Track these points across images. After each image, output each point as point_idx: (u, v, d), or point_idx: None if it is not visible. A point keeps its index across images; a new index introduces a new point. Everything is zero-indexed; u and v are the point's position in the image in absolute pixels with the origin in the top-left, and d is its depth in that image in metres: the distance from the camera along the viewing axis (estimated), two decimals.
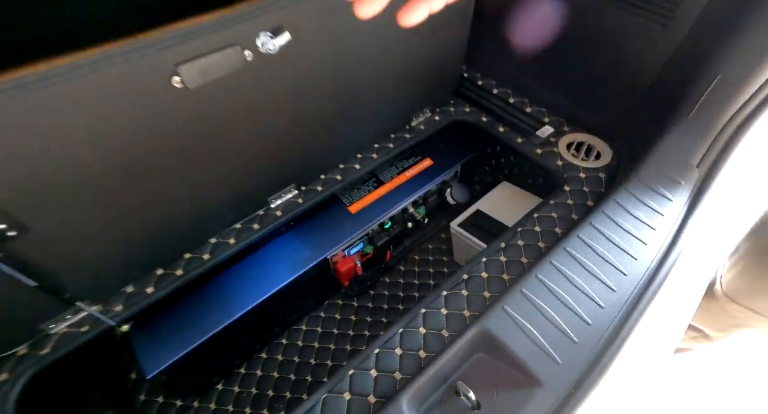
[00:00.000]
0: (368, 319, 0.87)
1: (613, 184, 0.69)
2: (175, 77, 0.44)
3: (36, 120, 0.37)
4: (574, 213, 0.69)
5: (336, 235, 0.77)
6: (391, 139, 0.85)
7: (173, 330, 0.63)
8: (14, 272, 0.41)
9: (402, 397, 0.46)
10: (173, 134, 0.48)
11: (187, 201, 0.58)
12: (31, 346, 0.54)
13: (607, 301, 0.53)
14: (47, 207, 0.43)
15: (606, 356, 0.49)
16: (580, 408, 0.46)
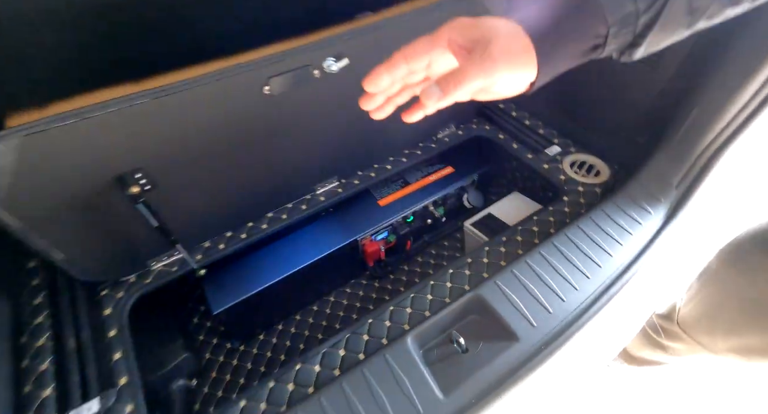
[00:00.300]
0: (387, 298, 1.01)
1: (605, 198, 0.81)
2: (266, 86, 0.62)
3: (169, 114, 0.56)
4: (569, 218, 0.81)
5: (366, 222, 0.93)
6: (419, 147, 1.01)
7: (235, 280, 0.81)
8: (148, 214, 0.60)
9: (408, 336, 0.60)
10: (259, 127, 0.66)
11: (259, 180, 0.76)
12: (138, 276, 0.72)
13: (581, 286, 0.65)
14: (170, 172, 0.62)
15: (572, 327, 0.61)
16: (547, 361, 0.58)
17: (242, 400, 0.57)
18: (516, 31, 0.35)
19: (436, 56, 0.37)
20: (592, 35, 0.35)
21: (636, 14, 0.34)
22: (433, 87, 0.35)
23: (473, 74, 0.34)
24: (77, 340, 0.63)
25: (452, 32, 0.36)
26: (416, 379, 0.56)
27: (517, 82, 0.36)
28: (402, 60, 0.36)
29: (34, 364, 0.60)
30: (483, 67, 0.34)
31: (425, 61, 0.37)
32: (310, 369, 0.60)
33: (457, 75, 0.34)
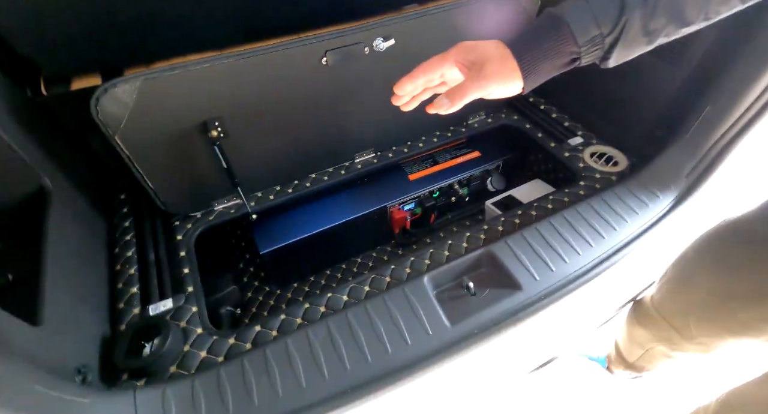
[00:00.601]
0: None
1: (618, 182, 0.88)
2: (324, 58, 0.74)
3: (246, 74, 0.69)
4: (582, 200, 0.88)
5: (396, 192, 1.04)
6: (450, 130, 1.11)
7: (279, 228, 0.94)
8: (221, 156, 0.73)
9: (425, 276, 0.70)
10: (315, 94, 0.79)
11: (309, 143, 0.88)
12: (203, 214, 0.87)
13: (584, 252, 0.73)
14: (240, 126, 0.75)
15: (571, 284, 0.69)
16: (544, 310, 0.67)
17: (281, 314, 0.69)
18: (505, 54, 0.44)
19: (446, 69, 0.48)
20: (567, 53, 0.43)
21: (601, 36, 0.42)
22: (443, 98, 0.47)
23: (471, 90, 0.45)
24: (156, 255, 0.78)
25: (457, 53, 0.46)
26: (428, 309, 0.66)
27: (508, 92, 0.47)
28: (421, 73, 0.48)
29: (125, 269, 0.75)
30: (479, 84, 0.44)
31: (438, 73, 0.48)
32: (339, 298, 0.72)
33: (460, 90, 0.45)
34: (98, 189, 0.85)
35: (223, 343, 0.65)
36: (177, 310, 0.70)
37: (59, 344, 0.51)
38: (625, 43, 0.43)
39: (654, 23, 0.41)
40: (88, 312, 0.63)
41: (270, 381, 0.57)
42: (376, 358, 0.60)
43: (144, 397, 0.53)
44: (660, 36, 0.43)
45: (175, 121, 0.68)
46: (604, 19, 0.41)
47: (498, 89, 0.45)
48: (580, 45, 0.42)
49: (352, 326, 0.63)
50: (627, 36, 0.42)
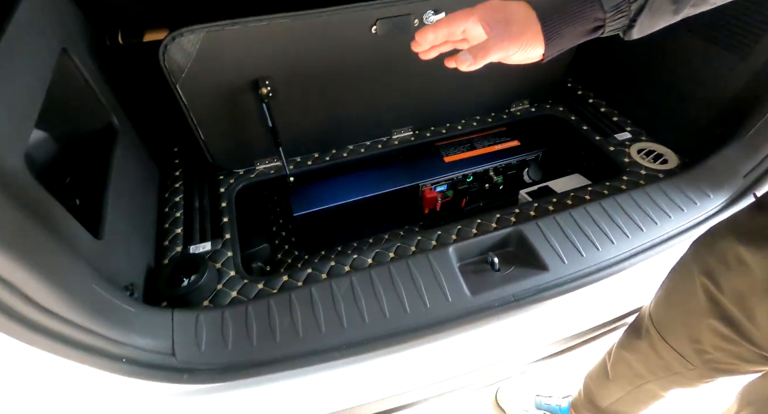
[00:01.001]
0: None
1: (666, 179, 0.83)
2: (374, 26, 0.76)
3: (299, 34, 0.71)
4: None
5: (430, 172, 1.05)
6: (491, 115, 1.10)
7: (314, 195, 0.98)
8: (268, 114, 0.78)
9: (450, 247, 0.71)
10: (362, 62, 0.81)
11: (350, 113, 0.91)
12: (245, 171, 0.92)
13: (619, 242, 0.71)
14: (288, 87, 0.79)
15: (601, 272, 0.67)
16: (569, 294, 0.65)
17: (308, 268, 0.73)
18: (530, 17, 0.44)
19: (470, 26, 0.47)
20: (591, 19, 0.43)
21: (627, 2, 0.41)
22: (466, 54, 0.46)
23: (494, 49, 0.44)
24: (200, 203, 0.84)
25: (483, 11, 0.46)
26: (450, 277, 0.66)
27: (529, 56, 0.46)
28: (444, 25, 0.48)
29: (171, 212, 0.81)
30: (502, 44, 0.44)
31: (461, 28, 0.48)
32: (364, 260, 0.74)
33: (483, 48, 0.45)
34: (156, 138, 0.92)
35: (252, 287, 0.69)
36: (214, 253, 0.75)
37: (114, 260, 0.57)
38: (651, 11, 0.42)
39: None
40: (139, 242, 0.69)
41: (292, 322, 0.60)
42: (394, 316, 0.62)
43: (180, 317, 0.58)
44: (687, 5, 0.41)
45: (230, 76, 0.73)
46: None
47: (519, 52, 0.45)
48: (606, 10, 0.42)
49: (375, 283, 0.65)
50: (653, 3, 0.41)
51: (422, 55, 0.52)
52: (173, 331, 0.56)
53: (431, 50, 0.52)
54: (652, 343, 0.64)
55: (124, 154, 0.70)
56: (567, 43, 0.45)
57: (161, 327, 0.55)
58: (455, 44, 0.52)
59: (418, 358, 0.63)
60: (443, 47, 0.52)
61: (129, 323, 0.50)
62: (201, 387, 0.55)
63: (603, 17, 0.42)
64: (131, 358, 0.49)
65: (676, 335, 0.60)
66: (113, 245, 0.58)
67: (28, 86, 0.48)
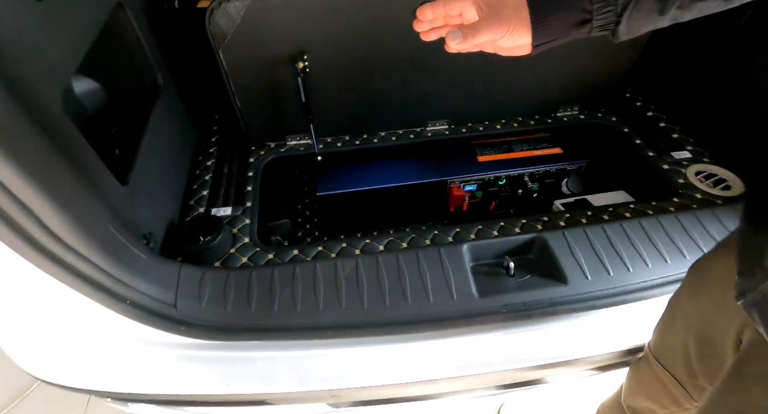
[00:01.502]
0: None
1: (723, 205, 0.74)
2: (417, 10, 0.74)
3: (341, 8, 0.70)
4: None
5: (461, 169, 1.01)
6: (535, 118, 1.04)
7: (340, 177, 0.98)
8: (302, 89, 0.78)
9: (464, 245, 0.68)
10: (403, 47, 0.79)
11: (385, 98, 0.90)
12: (276, 145, 0.94)
13: (656, 266, 0.64)
14: (324, 63, 0.79)
15: (629, 295, 0.61)
16: (589, 313, 0.60)
17: (319, 246, 0.72)
18: (521, 4, 0.45)
19: (465, 8, 0.49)
20: (579, 10, 0.43)
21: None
22: (456, 31, 0.47)
23: (482, 31, 0.46)
24: (229, 170, 0.86)
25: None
26: (460, 275, 0.63)
27: (517, 42, 0.47)
28: (441, 5, 0.50)
29: (201, 174, 0.85)
30: (490, 27, 0.46)
31: (457, 10, 0.49)
32: (375, 246, 0.73)
33: (472, 28, 0.47)
34: (198, 102, 0.96)
35: (262, 255, 0.70)
36: (233, 218, 0.77)
37: (136, 208, 0.60)
38: (638, 8, 0.42)
39: None
40: (166, 196, 0.72)
41: (292, 294, 0.60)
42: (394, 304, 0.60)
43: (187, 272, 0.60)
44: (673, 5, 0.41)
45: (270, 46, 0.74)
46: None
47: (507, 37, 0.46)
48: (593, 1, 0.42)
49: (380, 269, 0.64)
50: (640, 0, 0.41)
51: (423, 36, 0.54)
52: (178, 284, 0.58)
53: (431, 32, 0.53)
54: (653, 370, 0.60)
55: (163, 112, 0.74)
56: (555, 34, 0.45)
57: (168, 278, 0.57)
58: (452, 28, 0.52)
59: (413, 352, 0.61)
60: (443, 30, 0.53)
61: (138, 268, 0.52)
62: (195, 342, 0.56)
63: (590, 9, 0.43)
64: (135, 301, 0.52)
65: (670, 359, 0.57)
66: (138, 194, 0.60)
67: (77, 30, 0.51)
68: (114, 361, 0.56)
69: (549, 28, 0.45)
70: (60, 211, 0.41)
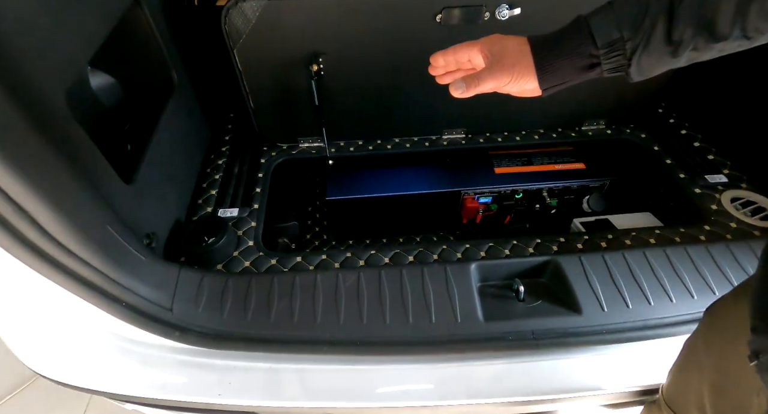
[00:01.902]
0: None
1: (760, 237, 0.68)
2: (439, 14, 0.71)
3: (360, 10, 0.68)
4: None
5: (476, 180, 0.97)
6: (557, 131, 0.99)
7: (351, 182, 0.96)
8: (315, 92, 0.76)
9: (473, 264, 0.64)
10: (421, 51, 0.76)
11: (401, 105, 0.87)
12: (288, 147, 0.93)
13: (681, 301, 0.59)
14: (340, 67, 0.77)
15: (649, 331, 0.56)
16: (602, 347, 0.56)
17: (322, 255, 0.70)
18: (524, 50, 0.45)
19: (473, 56, 0.49)
20: (586, 55, 0.42)
21: (622, 40, 0.40)
22: (459, 81, 0.48)
23: (486, 80, 0.46)
24: (240, 170, 0.86)
25: (484, 43, 0.48)
26: (465, 296, 0.60)
27: (524, 88, 0.46)
28: (451, 53, 0.51)
29: (212, 173, 0.84)
30: (493, 76, 0.45)
31: (466, 57, 0.50)
32: (380, 258, 0.70)
33: (476, 77, 0.47)
34: (213, 101, 0.96)
35: (264, 260, 0.69)
36: (240, 220, 0.76)
37: (140, 206, 0.59)
38: (648, 52, 0.40)
39: (678, 32, 0.38)
40: (173, 194, 0.72)
41: (290, 304, 0.59)
42: (394, 323, 0.57)
43: (186, 275, 0.59)
44: (687, 48, 0.39)
45: (285, 47, 0.73)
46: (626, 22, 0.40)
47: (512, 84, 0.46)
48: (599, 47, 0.41)
49: (382, 284, 0.61)
50: (649, 44, 0.40)
51: (438, 80, 0.54)
52: (176, 288, 0.57)
53: (446, 76, 0.53)
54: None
55: (176, 110, 0.73)
56: (563, 78, 0.44)
57: (166, 280, 0.56)
58: (466, 72, 0.53)
59: (411, 375, 0.58)
60: (457, 74, 0.53)
61: (135, 270, 0.52)
62: (189, 348, 0.55)
63: (597, 54, 0.42)
64: (130, 303, 0.51)
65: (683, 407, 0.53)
66: (143, 192, 0.60)
67: (88, 26, 0.51)
68: (107, 361, 0.56)
69: (556, 73, 0.44)
70: (54, 210, 0.40)
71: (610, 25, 0.40)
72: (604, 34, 0.41)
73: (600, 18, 0.41)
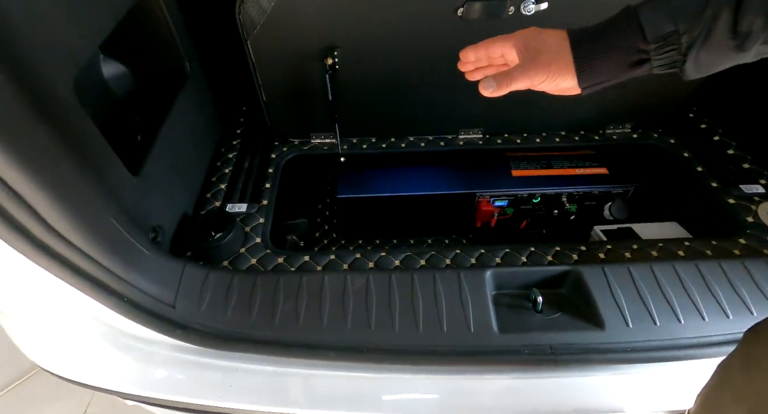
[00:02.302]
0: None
1: None
2: (461, 9, 0.67)
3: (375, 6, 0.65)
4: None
5: (492, 183, 0.94)
6: (579, 134, 0.95)
7: (362, 181, 0.93)
8: (329, 86, 0.74)
9: (488, 271, 0.61)
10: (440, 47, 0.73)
11: (417, 102, 0.84)
12: (300, 142, 0.91)
13: (714, 321, 0.54)
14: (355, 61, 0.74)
15: (679, 352, 0.52)
16: (626, 366, 0.52)
17: (331, 255, 0.68)
18: (563, 46, 0.41)
19: (507, 51, 0.46)
20: (633, 50, 0.38)
21: (677, 34, 0.36)
22: (489, 79, 0.44)
23: (519, 78, 0.42)
24: (250, 165, 0.84)
25: (519, 37, 0.44)
26: (479, 305, 0.57)
27: (561, 86, 0.42)
28: (483, 48, 0.48)
29: (222, 167, 0.83)
30: (527, 73, 0.42)
31: (499, 52, 0.47)
32: (390, 260, 0.67)
33: (507, 76, 0.43)
34: (226, 93, 0.94)
35: (272, 258, 0.67)
36: (247, 216, 0.74)
37: (147, 199, 0.58)
38: (708, 46, 0.36)
39: (746, 22, 0.34)
40: (182, 187, 0.71)
41: (296, 306, 0.56)
42: (404, 330, 0.55)
43: (191, 271, 0.57)
44: (756, 41, 0.35)
45: (299, 40, 0.70)
46: (682, 13, 0.36)
47: (548, 82, 0.42)
48: (650, 41, 0.37)
49: (392, 289, 0.58)
50: (710, 37, 0.35)
51: (468, 76, 0.52)
52: (180, 284, 0.56)
53: (476, 72, 0.51)
54: None
55: (188, 101, 0.72)
56: (606, 76, 0.41)
57: (169, 276, 0.55)
58: (498, 68, 0.50)
59: (420, 386, 0.55)
60: (488, 70, 0.50)
61: (138, 264, 0.50)
62: (190, 347, 0.54)
63: (647, 49, 0.38)
64: (132, 299, 0.49)
65: None
66: (150, 185, 0.58)
67: (97, 12, 0.49)
68: (105, 356, 0.55)
69: (597, 71, 0.40)
70: (57, 202, 0.39)
71: (663, 16, 0.36)
72: (655, 26, 0.37)
73: (651, 8, 0.37)
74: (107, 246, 0.45)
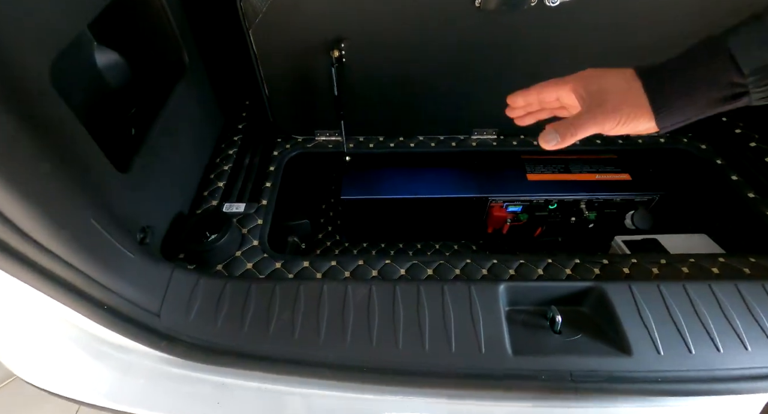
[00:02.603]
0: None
1: None
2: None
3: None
4: None
5: (506, 187, 0.88)
6: (600, 137, 0.89)
7: (368, 182, 0.88)
8: (335, 80, 0.69)
9: (501, 285, 0.56)
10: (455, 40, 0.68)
11: (429, 98, 0.79)
12: (304, 139, 0.86)
13: (758, 351, 0.48)
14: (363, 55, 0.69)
15: (718, 385, 0.46)
16: (654, 397, 0.46)
17: (332, 261, 0.63)
18: (634, 87, 0.37)
19: (563, 95, 0.43)
20: (725, 84, 0.34)
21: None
22: (552, 132, 0.40)
23: (587, 126, 0.38)
24: (250, 162, 0.80)
25: (576, 81, 0.41)
26: (492, 323, 0.52)
27: (637, 129, 0.38)
28: (534, 92, 0.45)
29: (221, 164, 0.79)
30: (596, 120, 0.38)
31: (553, 97, 0.44)
32: (395, 269, 0.63)
33: (572, 125, 0.39)
34: (228, 87, 0.90)
35: (269, 262, 0.63)
36: (245, 217, 0.70)
37: (136, 197, 0.54)
38: None
39: None
40: (177, 185, 0.67)
41: (292, 317, 0.52)
42: (408, 348, 0.50)
43: (180, 277, 0.53)
44: None
45: (304, 30, 0.66)
46: None
47: (619, 127, 0.38)
48: (745, 74, 0.33)
49: (396, 301, 0.53)
50: None
51: (518, 121, 0.50)
52: (167, 290, 0.51)
53: (527, 117, 0.48)
54: None
55: (186, 94, 0.68)
56: (691, 113, 0.37)
57: (156, 282, 0.51)
58: (552, 112, 0.47)
59: (422, 411, 0.50)
60: (540, 114, 0.47)
61: (121, 269, 0.46)
62: (176, 360, 0.49)
63: (743, 82, 0.34)
64: (113, 307, 0.45)
65: None
66: (141, 182, 0.54)
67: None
68: (81, 366, 0.51)
69: (681, 109, 0.36)
70: (25, 201, 0.35)
71: (760, 44, 0.33)
72: (751, 57, 0.33)
73: (742, 38, 0.34)
74: (84, 248, 0.41)
